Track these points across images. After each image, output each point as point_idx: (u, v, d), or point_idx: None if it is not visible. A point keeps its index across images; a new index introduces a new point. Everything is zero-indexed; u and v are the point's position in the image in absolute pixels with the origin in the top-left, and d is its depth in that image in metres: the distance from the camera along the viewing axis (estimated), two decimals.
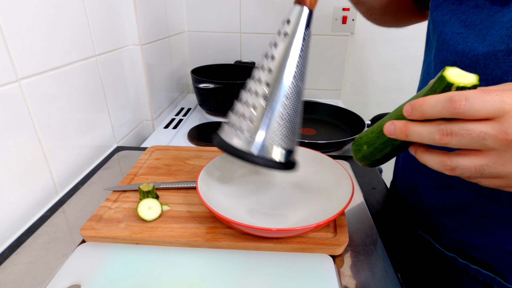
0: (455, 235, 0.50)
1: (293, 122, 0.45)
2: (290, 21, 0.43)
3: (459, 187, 0.48)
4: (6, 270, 0.43)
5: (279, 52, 0.43)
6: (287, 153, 0.46)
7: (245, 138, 0.44)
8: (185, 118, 1.06)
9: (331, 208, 0.50)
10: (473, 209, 0.47)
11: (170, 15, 1.06)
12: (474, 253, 0.49)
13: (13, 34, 0.48)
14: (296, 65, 0.43)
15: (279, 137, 0.44)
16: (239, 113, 0.45)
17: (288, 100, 0.44)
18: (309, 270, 0.43)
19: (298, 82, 0.44)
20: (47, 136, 0.56)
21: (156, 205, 0.51)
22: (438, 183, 0.51)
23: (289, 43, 0.43)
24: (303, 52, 0.43)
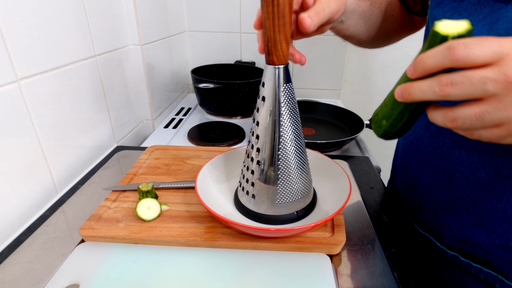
0: (457, 233, 0.50)
1: (291, 179, 0.46)
2: (264, 84, 0.43)
3: (461, 183, 0.48)
4: (5, 269, 0.44)
5: (261, 118, 0.44)
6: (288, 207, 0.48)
7: (251, 199, 0.48)
8: (185, 118, 1.06)
9: (328, 208, 0.50)
10: (475, 206, 0.47)
11: (170, 15, 1.07)
12: (476, 250, 0.48)
13: (12, 34, 0.48)
14: (281, 125, 0.43)
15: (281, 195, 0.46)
16: (244, 175, 0.49)
17: (281, 160, 0.44)
18: (307, 269, 0.43)
19: (288, 138, 0.44)
20: (46, 136, 0.56)
21: (155, 205, 0.51)
22: (439, 180, 0.51)
23: (267, 106, 0.43)
24: (286, 108, 0.43)
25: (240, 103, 1.03)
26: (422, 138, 0.53)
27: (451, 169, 0.48)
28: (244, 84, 1.00)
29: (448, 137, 0.48)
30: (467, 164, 0.46)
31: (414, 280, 0.43)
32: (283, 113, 0.43)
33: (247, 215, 0.50)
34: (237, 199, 0.52)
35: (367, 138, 0.98)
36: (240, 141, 0.89)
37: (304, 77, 1.30)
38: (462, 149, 0.47)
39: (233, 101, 1.02)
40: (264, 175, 0.46)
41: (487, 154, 0.44)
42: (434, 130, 0.50)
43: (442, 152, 0.49)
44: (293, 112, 0.44)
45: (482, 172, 0.45)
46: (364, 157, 0.75)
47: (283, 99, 0.43)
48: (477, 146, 0.45)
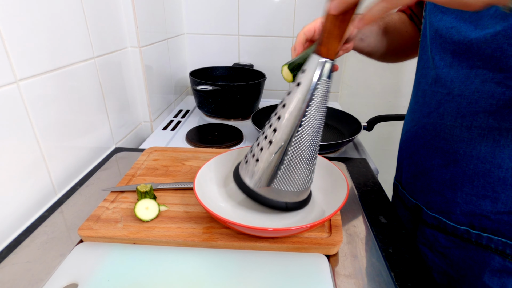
0: (465, 208, 0.54)
1: (294, 169, 0.46)
2: (305, 71, 0.43)
3: (464, 158, 0.52)
4: (4, 269, 0.44)
5: (289, 101, 0.44)
6: None
7: (250, 174, 0.48)
8: (183, 120, 1.06)
9: (326, 208, 0.51)
10: (479, 178, 0.51)
11: (168, 17, 1.07)
12: (485, 222, 0.52)
13: (11, 36, 0.49)
14: (304, 115, 0.43)
15: (279, 180, 0.46)
16: (252, 151, 0.49)
17: (293, 147, 0.44)
18: (304, 269, 0.43)
19: (306, 131, 0.44)
20: (45, 137, 0.57)
21: (153, 206, 0.51)
22: (444, 160, 0.55)
23: (299, 92, 0.43)
24: (316, 102, 0.43)
25: (238, 105, 1.04)
26: (426, 125, 0.58)
27: (455, 148, 0.53)
28: (242, 86, 1.00)
29: (449, 119, 0.53)
30: (468, 140, 0.51)
31: (411, 280, 0.43)
32: (311, 104, 0.43)
33: (240, 187, 0.49)
34: (236, 170, 0.51)
35: (364, 140, 0.99)
36: (238, 143, 0.89)
37: None
38: (462, 128, 0.52)
39: (231, 103, 1.02)
40: (271, 156, 0.45)
41: (484, 129, 0.49)
42: (436, 116, 0.55)
43: (444, 134, 0.54)
44: (321, 108, 0.44)
45: (482, 145, 0.50)
46: (361, 158, 0.76)
47: (317, 91, 0.43)
48: (475, 123, 0.50)
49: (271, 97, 1.31)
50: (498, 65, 0.46)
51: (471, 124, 0.51)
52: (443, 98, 0.54)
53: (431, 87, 0.56)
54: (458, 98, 0.52)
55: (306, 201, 0.51)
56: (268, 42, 1.26)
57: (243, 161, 0.51)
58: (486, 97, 0.48)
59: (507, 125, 0.48)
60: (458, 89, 0.51)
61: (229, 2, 1.20)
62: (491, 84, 0.48)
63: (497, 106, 0.48)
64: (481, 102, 0.49)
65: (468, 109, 0.51)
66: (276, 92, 1.32)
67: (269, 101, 1.23)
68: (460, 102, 0.51)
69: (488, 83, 0.48)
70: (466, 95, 0.50)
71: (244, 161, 0.50)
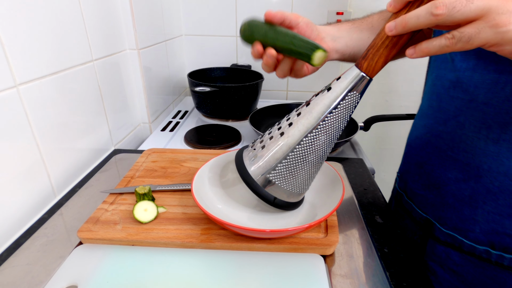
0: (486, 226, 0.49)
1: (295, 168, 0.45)
2: (339, 78, 0.43)
3: (489, 175, 0.47)
4: (4, 271, 0.44)
5: (315, 102, 0.44)
6: None
7: (252, 157, 0.47)
8: (182, 121, 1.07)
9: (322, 209, 0.51)
10: (505, 196, 0.47)
11: (166, 19, 1.08)
12: (508, 241, 0.48)
13: (11, 41, 0.49)
14: (324, 120, 0.43)
15: (276, 173, 0.46)
16: (262, 137, 0.49)
17: (300, 146, 0.44)
18: (301, 269, 0.44)
19: (320, 135, 0.44)
20: (44, 140, 0.57)
21: (152, 207, 0.52)
22: (464, 174, 0.50)
23: (327, 98, 0.43)
24: (339, 112, 0.43)
25: (236, 106, 1.04)
26: (441, 134, 0.53)
27: (477, 162, 0.48)
28: (240, 87, 1.01)
29: (472, 129, 0.48)
30: (495, 155, 0.46)
31: (406, 279, 0.44)
32: (334, 112, 0.42)
33: (238, 169, 0.48)
34: (241, 151, 0.51)
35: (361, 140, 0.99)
36: (236, 143, 0.90)
37: (300, 80, 1.31)
38: (488, 140, 0.47)
39: (229, 104, 1.03)
40: (277, 147, 0.45)
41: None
42: (454, 125, 0.50)
43: (465, 146, 0.49)
44: (341, 119, 0.43)
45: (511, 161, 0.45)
46: (358, 159, 0.76)
47: (344, 102, 0.42)
48: (504, 136, 0.45)
49: (269, 98, 1.31)
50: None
51: (499, 137, 0.45)
52: (465, 105, 0.48)
53: (449, 91, 0.51)
54: (484, 107, 0.46)
55: (295, 204, 0.51)
56: None
57: (250, 145, 0.50)
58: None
59: None
60: (484, 96, 0.46)
61: (226, 3, 1.20)
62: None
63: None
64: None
65: (496, 120, 0.45)
66: (274, 93, 1.33)
67: (267, 101, 1.23)
68: (486, 111, 0.46)
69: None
70: (493, 103, 0.45)
71: (251, 144, 0.50)
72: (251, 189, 0.47)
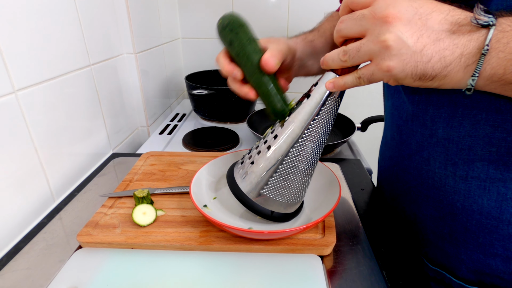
0: (472, 266, 0.46)
1: (287, 180, 0.45)
2: (317, 84, 0.43)
3: (464, 213, 0.45)
4: (4, 276, 0.45)
5: (296, 111, 0.44)
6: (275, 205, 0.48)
7: (243, 175, 0.47)
8: (180, 124, 1.07)
9: (319, 210, 0.52)
10: (485, 235, 0.44)
11: (163, 22, 1.08)
12: (497, 281, 0.45)
13: (9, 47, 0.50)
14: (308, 128, 0.43)
15: (269, 188, 0.46)
16: (250, 153, 0.49)
17: (289, 158, 0.44)
18: (299, 270, 0.44)
19: (306, 144, 0.44)
20: (43, 145, 0.58)
21: (150, 211, 0.52)
22: (439, 212, 0.48)
23: (308, 105, 0.43)
24: (322, 117, 0.43)
25: (234, 108, 1.05)
26: (408, 169, 0.51)
27: (450, 200, 0.46)
28: None
29: (438, 166, 0.46)
30: (466, 193, 0.44)
31: (402, 278, 0.44)
32: (317, 119, 0.42)
33: (231, 188, 0.48)
34: (231, 169, 0.51)
35: (359, 141, 1.00)
36: (234, 146, 0.90)
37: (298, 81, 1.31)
38: (456, 177, 0.44)
39: (227, 106, 1.03)
40: (266, 161, 0.45)
41: (485, 180, 0.42)
42: (420, 160, 0.48)
43: (434, 182, 0.47)
44: (325, 124, 0.43)
45: (485, 199, 0.43)
46: (355, 159, 0.77)
47: (325, 107, 0.42)
48: (471, 173, 0.43)
49: None
50: (493, 105, 0.39)
51: (467, 174, 0.43)
52: (426, 140, 0.46)
53: (408, 123, 0.48)
54: (445, 142, 0.44)
55: (294, 214, 0.51)
56: None
57: (239, 161, 0.50)
58: (483, 144, 0.41)
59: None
60: (443, 131, 0.44)
61: (223, 6, 1.21)
62: (486, 127, 0.40)
63: (498, 154, 0.40)
64: (476, 149, 0.41)
65: (460, 157, 0.43)
66: None
67: None
68: (449, 148, 0.44)
69: (482, 126, 0.40)
70: (454, 139, 0.43)
71: (240, 161, 0.50)
72: (246, 207, 0.48)
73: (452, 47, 0.32)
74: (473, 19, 0.31)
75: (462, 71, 0.32)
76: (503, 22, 0.31)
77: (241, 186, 0.47)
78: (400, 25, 0.32)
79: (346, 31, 0.36)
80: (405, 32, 0.32)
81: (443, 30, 0.32)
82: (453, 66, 0.32)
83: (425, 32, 0.32)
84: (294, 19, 1.22)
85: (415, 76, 0.33)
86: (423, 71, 0.33)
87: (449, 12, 0.32)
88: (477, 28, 0.31)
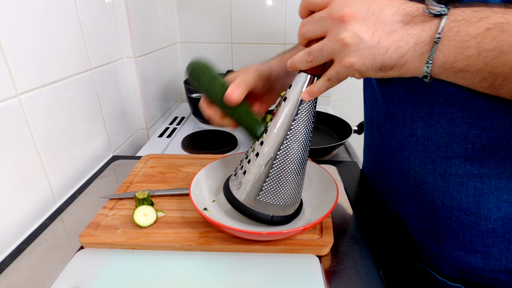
0: (454, 263, 0.47)
1: (279, 183, 0.47)
2: (291, 86, 0.44)
3: (443, 210, 0.46)
4: (8, 276, 0.45)
5: (276, 115, 0.45)
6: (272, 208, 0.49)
7: (237, 185, 0.49)
8: (179, 127, 1.08)
9: (317, 212, 0.53)
10: (465, 231, 0.45)
11: (163, 27, 1.10)
12: (479, 279, 0.46)
13: (12, 51, 0.51)
14: (290, 129, 0.44)
15: (264, 193, 0.47)
16: (241, 163, 0.51)
17: (278, 161, 0.45)
18: (297, 270, 0.45)
19: (292, 145, 0.45)
20: (45, 147, 0.58)
21: (151, 212, 0.53)
22: (421, 210, 0.49)
23: (286, 107, 0.44)
24: (301, 116, 0.44)
25: None
26: (391, 168, 0.52)
27: (430, 197, 0.47)
28: None
29: (418, 164, 0.47)
30: (445, 190, 0.45)
31: (398, 277, 0.45)
32: (297, 119, 0.44)
33: (229, 200, 0.50)
34: (227, 182, 0.53)
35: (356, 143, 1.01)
36: (232, 148, 0.91)
37: None
38: (435, 175, 0.45)
39: None
40: (257, 168, 0.47)
41: (462, 176, 0.43)
42: (401, 159, 0.49)
43: (415, 181, 0.48)
44: (306, 122, 0.45)
45: (463, 195, 0.44)
46: (352, 161, 0.78)
47: (303, 106, 0.44)
48: (449, 170, 0.44)
49: None
50: (467, 104, 0.40)
51: (445, 171, 0.44)
52: (406, 139, 0.47)
53: (387, 124, 0.50)
54: (424, 141, 0.45)
55: (293, 215, 0.52)
56: (260, 49, 1.28)
57: (233, 173, 0.52)
58: (459, 141, 0.42)
59: (489, 171, 0.42)
60: (422, 130, 0.45)
61: (221, 11, 1.23)
62: (462, 125, 0.41)
63: (473, 150, 0.41)
64: (453, 147, 0.43)
65: (438, 154, 0.44)
66: None
67: None
68: (428, 146, 0.45)
69: (458, 124, 0.41)
70: (432, 137, 0.44)
71: (234, 172, 0.52)
72: (246, 215, 0.49)
73: (406, 37, 0.34)
74: (425, 9, 0.33)
75: (417, 59, 0.34)
76: (455, 12, 0.32)
77: (238, 196, 0.49)
78: (356, 23, 0.34)
79: (309, 34, 0.39)
80: (360, 29, 0.34)
81: (396, 22, 0.34)
82: (409, 55, 0.34)
83: (379, 26, 0.34)
84: (291, 22, 1.24)
85: (375, 68, 0.35)
86: (382, 62, 0.35)
87: (401, 5, 0.34)
88: (430, 18, 0.33)
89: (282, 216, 0.50)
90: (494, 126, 0.40)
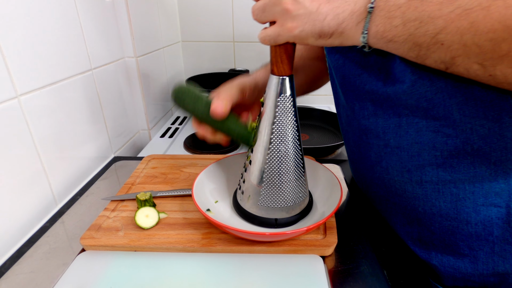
0: (445, 271, 0.47)
1: (274, 185, 0.47)
2: (266, 91, 0.45)
3: (426, 217, 0.46)
4: (8, 280, 0.45)
5: (259, 121, 0.47)
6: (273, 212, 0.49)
7: (240, 193, 0.52)
8: (181, 127, 1.08)
9: (321, 211, 0.52)
10: (449, 236, 0.45)
11: (163, 26, 1.09)
12: (471, 285, 0.47)
13: (12, 52, 0.50)
14: (272, 132, 0.45)
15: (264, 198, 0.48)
16: (241, 171, 0.52)
17: (268, 165, 0.46)
18: (301, 270, 0.45)
19: (276, 147, 0.45)
20: (45, 149, 0.58)
21: (153, 213, 0.52)
22: (406, 218, 0.49)
23: (265, 112, 0.45)
24: (280, 118, 0.44)
25: None
26: (373, 180, 0.52)
27: (412, 205, 0.47)
28: None
29: (396, 174, 0.47)
30: (424, 198, 0.45)
31: (403, 277, 0.45)
32: (275, 122, 0.45)
33: (236, 209, 0.53)
34: (235, 191, 0.55)
35: None
36: (234, 149, 0.91)
37: None
38: (413, 183, 0.45)
39: None
40: (252, 175, 0.48)
41: (437, 183, 0.43)
42: (380, 171, 0.49)
43: (396, 189, 0.48)
44: (286, 123, 0.45)
45: (441, 202, 0.44)
46: None
47: (279, 108, 0.44)
48: (424, 177, 0.44)
49: None
50: (429, 113, 0.40)
51: (421, 179, 0.44)
52: (382, 150, 0.47)
53: (362, 138, 0.50)
54: (397, 151, 0.45)
55: (301, 214, 0.51)
56: (263, 47, 1.27)
57: (238, 185, 0.54)
58: (428, 149, 0.42)
59: (461, 176, 0.42)
60: (394, 141, 0.45)
61: (223, 9, 1.22)
62: (428, 133, 0.42)
63: (442, 157, 0.42)
64: (424, 155, 0.43)
65: (412, 163, 0.44)
66: None
67: None
68: (401, 155, 0.45)
69: (425, 132, 0.42)
70: (404, 147, 0.44)
71: (238, 185, 0.54)
72: (251, 222, 0.50)
73: (343, 5, 0.36)
74: None
75: (354, 28, 0.36)
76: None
77: (242, 204, 0.51)
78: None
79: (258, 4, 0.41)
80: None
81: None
82: (347, 23, 0.36)
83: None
84: None
85: (315, 34, 0.37)
86: (321, 29, 0.37)
87: None
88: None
89: (287, 217, 0.50)
90: (457, 133, 0.40)
